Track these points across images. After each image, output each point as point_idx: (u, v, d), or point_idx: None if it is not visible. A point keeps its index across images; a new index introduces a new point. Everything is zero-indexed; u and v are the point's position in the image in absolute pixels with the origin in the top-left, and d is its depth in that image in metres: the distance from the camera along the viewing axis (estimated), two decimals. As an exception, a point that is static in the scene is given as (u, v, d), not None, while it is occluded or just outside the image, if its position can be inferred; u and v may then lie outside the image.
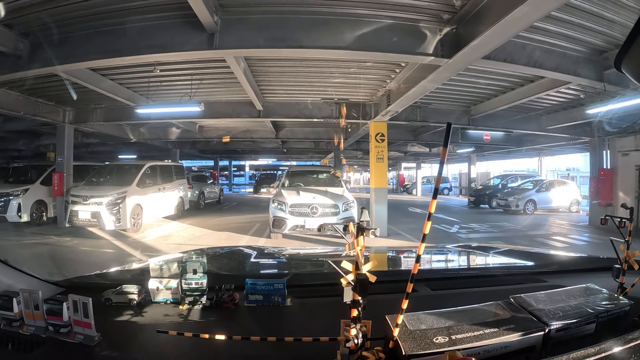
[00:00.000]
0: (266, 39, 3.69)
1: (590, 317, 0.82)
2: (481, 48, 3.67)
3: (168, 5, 3.70)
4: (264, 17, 3.69)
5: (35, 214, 8.82)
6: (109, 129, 10.44)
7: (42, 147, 14.60)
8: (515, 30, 3.22)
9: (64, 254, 5.85)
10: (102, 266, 1.53)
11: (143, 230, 8.04)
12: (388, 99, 6.48)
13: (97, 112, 8.77)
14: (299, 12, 3.67)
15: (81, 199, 7.75)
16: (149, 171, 8.96)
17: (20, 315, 0.91)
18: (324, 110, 7.68)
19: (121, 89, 6.83)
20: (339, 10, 3.67)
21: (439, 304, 1.03)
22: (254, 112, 7.61)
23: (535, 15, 2.92)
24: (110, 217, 7.52)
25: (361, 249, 0.72)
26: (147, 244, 6.66)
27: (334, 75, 5.98)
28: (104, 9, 3.80)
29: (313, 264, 1.78)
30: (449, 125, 0.65)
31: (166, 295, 1.12)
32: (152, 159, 10.67)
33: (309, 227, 6.19)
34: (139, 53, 3.91)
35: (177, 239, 7.20)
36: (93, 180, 8.76)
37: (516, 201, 12.91)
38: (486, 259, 2.01)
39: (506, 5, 2.90)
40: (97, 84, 6.15)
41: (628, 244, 1.06)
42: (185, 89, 6.38)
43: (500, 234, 8.25)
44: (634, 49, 0.60)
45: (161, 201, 9.21)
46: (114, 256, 5.80)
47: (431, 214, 0.62)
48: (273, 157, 24.21)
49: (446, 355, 0.65)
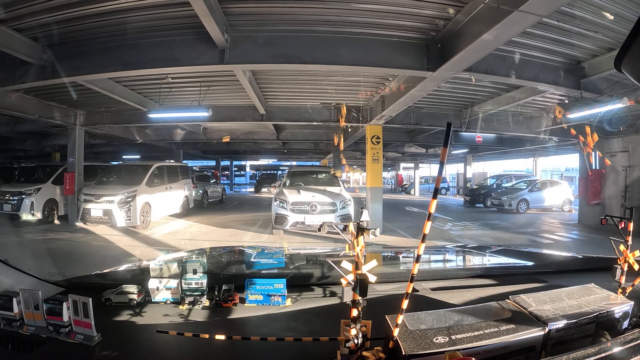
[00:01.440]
0: (270, 56, 4.17)
1: (590, 317, 0.81)
2: (462, 62, 4.13)
3: (183, 24, 4.16)
4: (269, 36, 4.16)
5: (47, 212, 9.21)
6: (117, 130, 10.89)
7: (47, 148, 15.04)
8: (488, 49, 3.68)
9: (79, 249, 6.27)
10: (118, 259, 1.79)
11: (152, 227, 8.47)
12: (382, 104, 6.95)
13: (107, 115, 9.22)
14: (300, 31, 4.14)
15: (93, 198, 8.18)
16: (156, 171, 9.40)
17: (21, 315, 0.91)
18: (322, 114, 8.15)
19: (133, 94, 7.28)
20: (336, 30, 4.15)
21: (439, 304, 1.07)
22: (257, 116, 8.09)
23: (502, 39, 3.38)
24: (121, 215, 7.96)
25: (361, 249, 0.72)
26: (157, 240, 7.11)
27: (332, 82, 6.45)
28: (126, 26, 4.25)
29: (313, 264, 1.78)
30: (449, 126, 0.65)
31: (166, 295, 1.12)
32: (155, 159, 11.12)
33: (308, 224, 6.68)
34: (157, 66, 4.38)
35: (185, 235, 7.65)
36: (103, 179, 9.22)
37: (509, 200, 13.27)
38: (486, 259, 2.02)
39: (477, 30, 3.37)
40: (111, 90, 6.59)
41: (628, 244, 1.05)
42: (194, 94, 6.84)
43: (490, 231, 8.67)
44: (633, 50, 0.59)
45: (168, 200, 9.65)
46: (127, 251, 6.19)
47: (431, 214, 0.62)
48: (274, 157, 24.68)
49: (446, 355, 0.65)
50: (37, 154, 16.64)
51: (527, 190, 13.68)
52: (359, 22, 4.07)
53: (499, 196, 13.82)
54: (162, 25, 4.17)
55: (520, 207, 13.17)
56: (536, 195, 13.69)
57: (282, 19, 4.01)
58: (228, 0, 3.64)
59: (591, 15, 4.02)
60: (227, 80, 6.30)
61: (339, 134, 10.05)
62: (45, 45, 5.13)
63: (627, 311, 0.87)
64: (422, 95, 5.80)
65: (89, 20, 4.33)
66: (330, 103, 7.88)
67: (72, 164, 9.51)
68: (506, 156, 21.31)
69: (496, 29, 3.10)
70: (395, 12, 3.91)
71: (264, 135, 12.46)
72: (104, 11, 3.99)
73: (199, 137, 12.64)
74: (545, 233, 8.79)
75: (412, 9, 3.80)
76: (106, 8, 3.92)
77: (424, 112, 8.72)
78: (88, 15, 4.15)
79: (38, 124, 9.55)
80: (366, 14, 3.94)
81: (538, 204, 13.63)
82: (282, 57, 4.16)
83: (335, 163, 15.36)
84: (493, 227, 9.35)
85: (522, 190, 13.73)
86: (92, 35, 4.69)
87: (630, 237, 1.06)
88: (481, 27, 3.30)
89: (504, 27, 3.00)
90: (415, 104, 7.47)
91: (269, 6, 3.85)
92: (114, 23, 4.24)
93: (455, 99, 7.94)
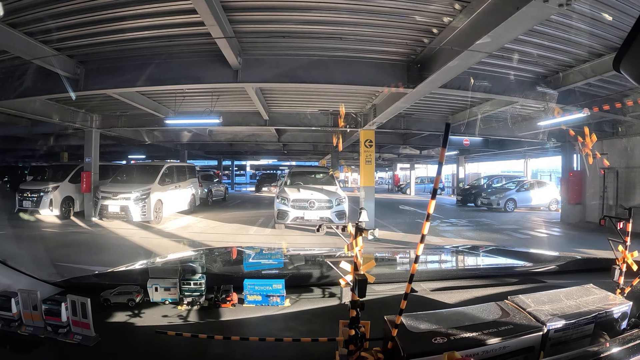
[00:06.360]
0: (276, 75, 4.98)
1: (588, 317, 0.81)
2: (437, 81, 4.94)
3: (203, 48, 4.95)
4: (275, 59, 4.96)
5: (64, 208, 9.89)
6: (128, 132, 11.59)
7: (56, 148, 15.67)
8: (455, 73, 4.49)
9: (102, 240, 6.96)
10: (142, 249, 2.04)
11: (164, 222, 9.21)
12: (374, 111, 7.76)
13: (122, 119, 9.98)
14: (301, 54, 4.94)
15: (111, 195, 8.88)
16: (167, 171, 10.14)
17: (19, 316, 0.90)
18: (320, 119, 8.97)
19: (149, 101, 8.05)
20: (331, 54, 4.96)
21: (438, 304, 1.07)
22: (261, 121, 8.92)
23: (465, 66, 4.18)
24: (137, 211, 8.69)
25: (360, 249, 0.72)
26: (171, 233, 7.88)
27: (329, 92, 7.26)
28: (154, 50, 5.02)
29: (312, 265, 1.77)
30: (447, 126, 0.65)
31: (165, 296, 1.12)
32: (161, 159, 11.83)
33: (307, 219, 7.53)
34: (180, 83, 5.17)
35: (196, 229, 8.43)
36: (118, 178, 9.96)
37: (497, 200, 13.83)
38: (485, 260, 2.04)
39: (446, 57, 4.17)
40: (131, 98, 7.35)
41: (626, 244, 1.06)
42: (205, 103, 7.63)
43: (473, 227, 9.41)
44: (632, 51, 0.59)
45: (177, 197, 10.39)
46: (148, 242, 6.81)
47: (430, 214, 0.61)
48: (274, 157, 25.43)
49: (445, 355, 0.64)
50: (46, 154, 17.17)
51: (514, 190, 14.21)
52: (350, 48, 4.89)
53: (488, 196, 14.39)
54: (186, 50, 4.96)
55: (508, 206, 13.68)
56: (524, 195, 14.25)
57: (286, 46, 4.81)
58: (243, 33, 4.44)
59: (549, 39, 4.78)
60: (235, 90, 7.08)
61: (338, 135, 10.82)
62: (79, 62, 5.90)
63: (626, 311, 0.86)
64: (406, 106, 6.62)
65: (121, 44, 5.10)
66: (327, 110, 8.69)
67: (89, 164, 10.19)
68: (498, 157, 22.03)
69: (457, 60, 3.90)
70: (381, 41, 4.72)
71: (266, 138, 13.22)
72: (136, 38, 4.77)
73: (204, 139, 13.40)
74: (526, 229, 9.34)
75: (394, 39, 4.61)
76: (138, 35, 4.70)
77: (414, 118, 9.54)
78: (120, 40, 4.93)
79: (55, 126, 10.18)
80: (356, 42, 4.76)
81: (525, 203, 14.17)
82: (286, 76, 4.97)
83: (334, 163, 16.03)
84: (478, 224, 9.96)
85: (510, 190, 14.26)
86: (122, 54, 5.43)
87: (628, 237, 1.06)
88: (447, 57, 4.10)
89: (462, 59, 3.80)
90: (405, 111, 8.27)
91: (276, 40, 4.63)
92: (144, 47, 5.02)
93: (441, 106, 8.75)
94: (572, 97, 6.92)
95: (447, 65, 4.07)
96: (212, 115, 7.44)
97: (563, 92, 6.56)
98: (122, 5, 3.97)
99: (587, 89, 6.87)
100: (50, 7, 4.05)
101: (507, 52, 5.13)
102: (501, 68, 5.79)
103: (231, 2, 3.88)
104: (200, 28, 4.24)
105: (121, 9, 4.03)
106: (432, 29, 4.25)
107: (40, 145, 15.21)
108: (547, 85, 6.53)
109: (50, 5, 4.01)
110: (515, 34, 3.55)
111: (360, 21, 4.26)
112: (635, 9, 3.68)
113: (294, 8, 4.04)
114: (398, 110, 6.92)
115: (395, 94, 5.82)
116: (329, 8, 4.00)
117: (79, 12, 4.13)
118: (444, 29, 4.14)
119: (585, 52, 5.32)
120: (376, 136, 9.02)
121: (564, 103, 6.93)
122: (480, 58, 4.05)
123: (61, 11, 4.11)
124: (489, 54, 3.74)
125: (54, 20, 4.25)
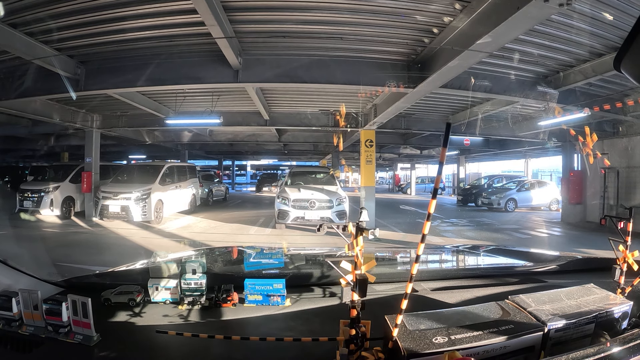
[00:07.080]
0: (276, 75, 4.97)
1: (589, 317, 0.81)
2: (437, 81, 4.93)
3: (203, 48, 4.95)
4: (275, 59, 4.96)
5: (65, 208, 9.86)
6: (128, 132, 11.58)
7: (57, 148, 15.67)
8: (455, 73, 4.49)
9: (102, 240, 6.96)
10: (143, 249, 2.02)
11: (164, 222, 9.20)
12: (375, 111, 7.75)
13: (122, 119, 9.97)
14: (301, 54, 4.94)
15: (112, 195, 8.86)
16: (167, 171, 10.12)
17: (20, 315, 0.90)
18: (321, 119, 8.96)
19: (149, 101, 8.04)
20: (331, 54, 4.95)
21: (439, 304, 1.07)
22: (261, 121, 8.91)
23: (465, 66, 4.18)
24: (137, 211, 8.67)
25: (360, 249, 0.72)
26: (172, 233, 7.88)
27: (329, 92, 7.25)
28: (155, 50, 5.03)
29: (312, 264, 1.77)
30: (448, 126, 0.65)
31: (165, 296, 1.12)
32: (161, 159, 11.83)
33: (308, 218, 7.52)
34: (181, 83, 5.17)
35: (197, 229, 8.43)
36: (119, 178, 9.95)
37: (498, 200, 13.80)
38: (485, 260, 2.03)
39: (446, 57, 4.16)
40: (131, 98, 7.34)
41: (627, 244, 1.06)
42: (206, 103, 7.63)
43: (473, 227, 9.41)
44: (632, 50, 0.59)
45: (178, 197, 10.37)
46: (146, 242, 6.80)
47: (430, 214, 0.62)
48: (275, 157, 25.43)
49: (445, 355, 0.65)
50: (47, 154, 17.17)
51: (515, 190, 14.18)
52: (351, 48, 4.88)
53: (489, 195, 14.38)
54: (186, 50, 4.96)
55: (508, 206, 13.65)
56: (524, 194, 14.21)
57: (286, 45, 4.82)
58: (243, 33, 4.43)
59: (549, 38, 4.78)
60: (235, 90, 7.07)
61: (338, 135, 10.81)
62: (79, 62, 5.90)
63: (627, 311, 0.87)
64: (407, 106, 6.61)
65: (122, 44, 5.10)
66: (327, 109, 8.69)
67: (89, 164, 10.18)
68: (499, 157, 22.04)
69: (458, 60, 3.90)
70: (382, 40, 4.71)
71: (267, 138, 13.22)
72: (136, 38, 4.78)
73: (205, 139, 13.39)
74: (527, 229, 9.35)
75: (395, 38, 4.61)
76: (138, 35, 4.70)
77: (414, 117, 9.53)
78: (120, 40, 4.94)
79: (55, 126, 10.18)
80: (357, 42, 4.75)
81: (526, 203, 14.13)
82: (286, 76, 4.97)
83: (334, 163, 16.05)
84: (478, 224, 9.96)
85: (511, 190, 14.24)
86: (122, 54, 5.44)
87: (629, 237, 1.06)
88: (447, 57, 4.09)
89: (462, 59, 3.80)
90: (406, 110, 8.27)
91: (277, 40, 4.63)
92: (144, 46, 5.02)
93: (441, 106, 8.74)
94: (573, 96, 6.92)
95: (447, 65, 4.07)
96: (213, 115, 7.43)
97: (564, 91, 6.55)
98: (122, 5, 3.98)
99: (588, 89, 6.88)
100: (50, 7, 4.05)
101: (508, 51, 5.12)
102: (502, 68, 5.78)
103: (231, 2, 3.89)
104: (200, 28, 4.25)
105: (122, 9, 4.04)
106: (433, 28, 4.26)
107: (40, 145, 15.22)
108: (547, 85, 6.53)
109: (50, 6, 4.02)
110: (516, 33, 3.56)
111: (361, 21, 4.27)
112: (635, 9, 3.69)
113: (295, 8, 4.04)
114: (399, 110, 6.91)
115: (396, 94, 5.82)
116: (330, 8, 4.01)
117: (80, 12, 4.14)
118: (445, 29, 4.15)
119: (586, 52, 5.32)
120: (377, 136, 9.01)
121: (565, 103, 6.93)
122: (480, 58, 4.04)
123: (62, 11, 4.12)
124: (490, 53, 3.74)
125: (54, 20, 4.26)
